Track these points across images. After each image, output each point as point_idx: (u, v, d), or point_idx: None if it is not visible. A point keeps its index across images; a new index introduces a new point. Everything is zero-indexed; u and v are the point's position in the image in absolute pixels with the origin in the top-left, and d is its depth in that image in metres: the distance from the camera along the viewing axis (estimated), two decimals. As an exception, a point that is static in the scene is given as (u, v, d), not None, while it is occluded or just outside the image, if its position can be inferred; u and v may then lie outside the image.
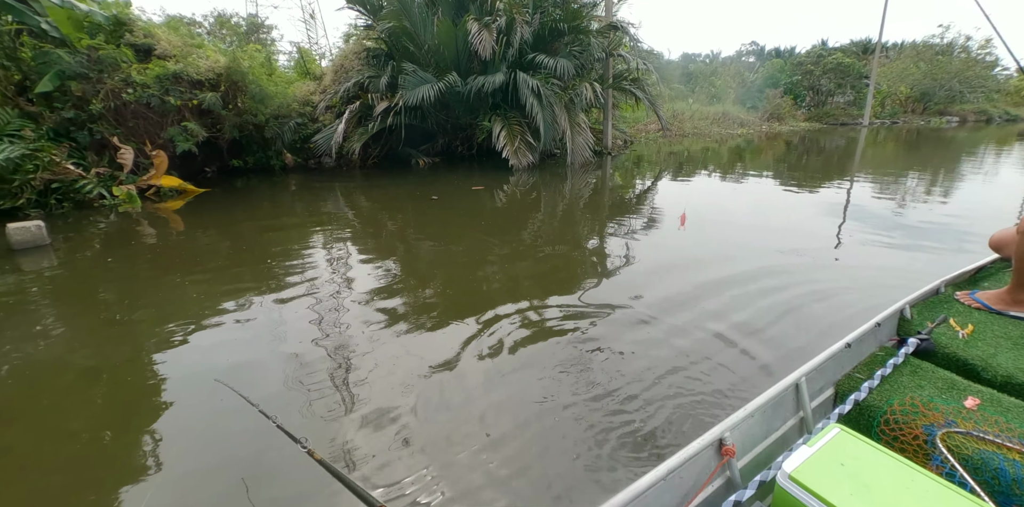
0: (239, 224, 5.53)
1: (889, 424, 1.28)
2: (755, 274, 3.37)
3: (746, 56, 28.44)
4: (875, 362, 1.55)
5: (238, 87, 7.78)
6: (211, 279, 3.62)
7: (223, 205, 6.58)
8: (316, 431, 1.82)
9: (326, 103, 9.41)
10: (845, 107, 24.85)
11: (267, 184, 8.21)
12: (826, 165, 10.23)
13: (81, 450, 1.79)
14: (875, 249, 3.98)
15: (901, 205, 5.83)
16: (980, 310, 1.84)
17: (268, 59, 8.95)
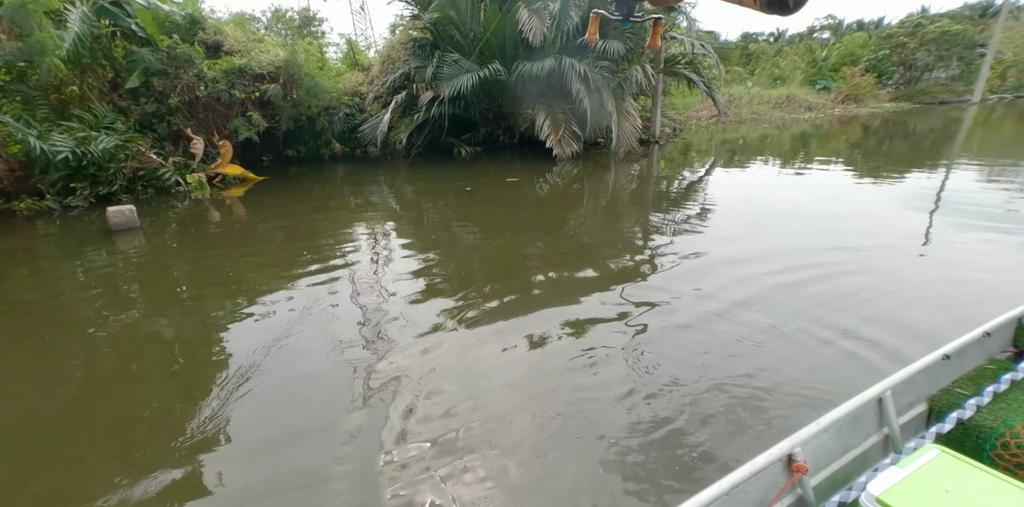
0: (294, 209, 6.03)
1: (1009, 448, 1.16)
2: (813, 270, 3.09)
3: (820, 31, 25.69)
4: (983, 377, 1.40)
5: (294, 80, 8.26)
6: (269, 260, 4.13)
7: (280, 192, 7.13)
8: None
9: (374, 94, 9.74)
10: (947, 83, 21.82)
11: (317, 172, 8.74)
12: (914, 152, 8.93)
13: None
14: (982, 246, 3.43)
15: (1011, 197, 4.87)
16: None
17: (320, 51, 9.37)
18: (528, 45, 8.59)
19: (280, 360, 2.45)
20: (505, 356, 2.38)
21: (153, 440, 1.90)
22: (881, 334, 2.31)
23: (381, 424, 1.89)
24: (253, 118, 7.83)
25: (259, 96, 7.94)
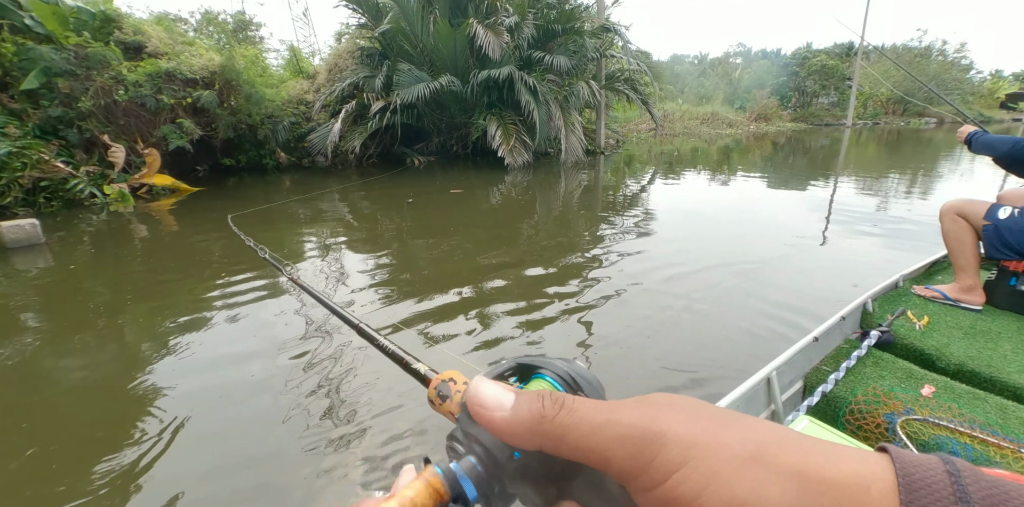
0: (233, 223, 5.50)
1: (854, 414, 1.33)
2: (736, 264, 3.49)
3: (733, 57, 28.85)
4: (841, 355, 1.60)
5: (232, 86, 7.70)
6: (205, 276, 3.59)
7: (217, 204, 6.50)
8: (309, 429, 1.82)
9: (321, 102, 9.36)
10: (829, 108, 25.38)
11: (260, 183, 8.14)
12: (812, 165, 10.47)
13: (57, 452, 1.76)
14: (856, 243, 4.13)
15: (883, 204, 6.01)
16: (935, 301, 1.97)
17: (260, 57, 8.86)
18: (480, 57, 8.72)
19: (214, 397, 2.02)
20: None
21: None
22: (785, 313, 2.79)
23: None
24: (184, 125, 7.16)
25: (191, 102, 7.29)
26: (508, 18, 8.75)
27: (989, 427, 1.16)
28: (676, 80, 25.55)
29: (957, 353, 1.57)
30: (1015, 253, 1.85)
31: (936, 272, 2.39)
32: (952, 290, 1.98)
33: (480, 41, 8.22)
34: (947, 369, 1.54)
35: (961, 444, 1.12)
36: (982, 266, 2.01)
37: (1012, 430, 1.16)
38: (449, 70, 8.93)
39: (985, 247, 1.95)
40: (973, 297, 1.94)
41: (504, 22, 8.66)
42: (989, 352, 1.57)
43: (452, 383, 0.36)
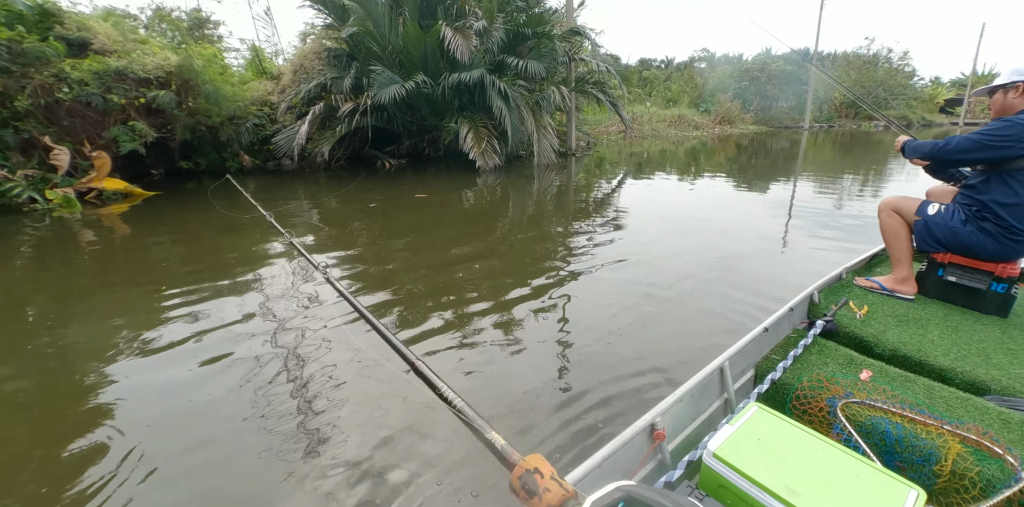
0: (192, 228, 5.27)
1: (800, 399, 1.40)
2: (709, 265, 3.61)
3: (698, 62, 29.74)
4: (789, 344, 1.69)
5: (190, 86, 7.41)
6: (161, 287, 3.40)
7: (175, 208, 6.25)
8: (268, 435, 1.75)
9: (287, 104, 9.12)
10: (788, 112, 26.46)
11: (223, 187, 7.85)
12: (773, 166, 10.90)
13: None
14: (813, 239, 4.34)
15: (839, 202, 6.32)
16: (874, 292, 2.11)
17: (217, 56, 8.55)
18: (451, 59, 8.69)
19: (170, 422, 1.85)
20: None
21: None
22: (754, 298, 3.00)
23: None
24: (137, 127, 6.84)
25: (145, 103, 6.97)
26: (477, 21, 8.76)
27: (918, 407, 1.26)
28: (644, 83, 26.16)
29: (892, 340, 1.67)
30: (942, 246, 2.00)
31: (876, 264, 2.55)
32: (889, 281, 2.12)
33: (449, 43, 8.20)
34: (883, 355, 1.64)
35: (893, 424, 1.20)
36: (915, 258, 2.14)
37: (937, 409, 1.26)
38: (420, 72, 8.87)
39: (916, 241, 2.09)
40: (907, 287, 2.07)
41: (473, 25, 8.66)
42: (919, 338, 1.68)
43: (539, 476, 0.33)
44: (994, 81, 1.91)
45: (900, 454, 1.18)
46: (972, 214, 1.91)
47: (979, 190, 1.90)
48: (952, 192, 2.16)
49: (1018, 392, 1.38)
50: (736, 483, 0.94)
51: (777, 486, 0.88)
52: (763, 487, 0.90)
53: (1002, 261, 1.90)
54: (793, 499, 0.85)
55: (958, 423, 1.18)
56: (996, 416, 1.23)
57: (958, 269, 2.00)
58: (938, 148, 1.97)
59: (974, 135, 1.84)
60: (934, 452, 1.13)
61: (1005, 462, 1.06)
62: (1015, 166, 1.77)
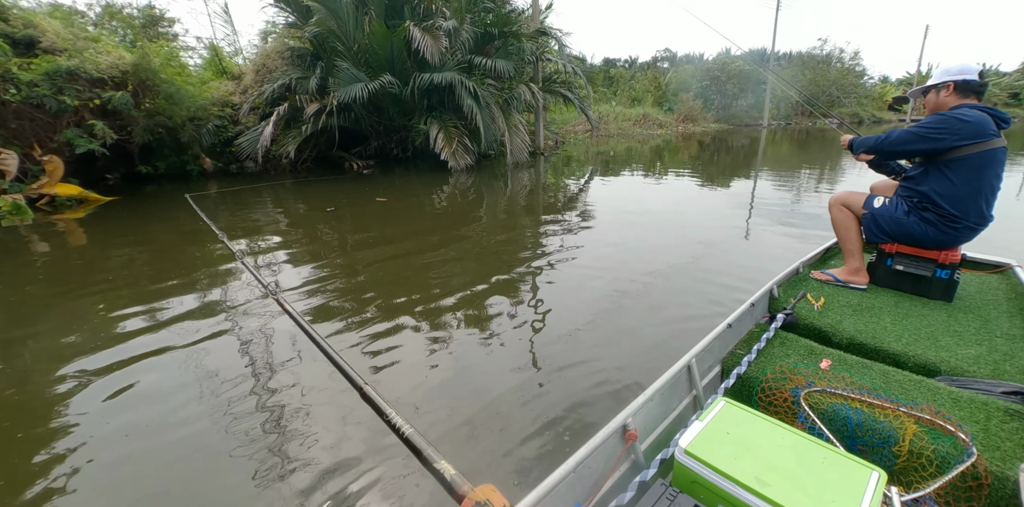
0: (153, 235, 5.04)
1: (765, 391, 1.43)
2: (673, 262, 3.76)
3: (661, 62, 30.43)
4: (752, 338, 1.72)
5: (147, 86, 7.07)
6: (120, 296, 3.25)
7: (134, 214, 5.95)
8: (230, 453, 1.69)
9: (250, 104, 8.82)
10: (748, 110, 27.44)
11: (183, 191, 7.55)
12: (735, 163, 11.31)
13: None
14: (772, 235, 4.56)
15: (796, 199, 6.61)
16: (829, 284, 2.22)
17: (175, 55, 8.18)
18: (419, 60, 8.62)
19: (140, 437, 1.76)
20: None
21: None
22: (722, 290, 3.16)
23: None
24: (97, 128, 6.48)
25: (100, 104, 6.61)
26: (446, 21, 8.71)
27: (875, 391, 1.35)
28: (610, 82, 26.58)
29: (848, 329, 1.76)
30: (889, 237, 2.13)
31: (830, 257, 2.67)
32: (842, 273, 2.24)
33: (418, 44, 8.13)
34: (840, 343, 1.73)
35: (853, 409, 1.28)
36: (865, 250, 2.26)
37: (893, 392, 1.35)
38: (387, 72, 8.75)
39: (865, 233, 2.21)
40: (859, 278, 2.20)
41: (442, 25, 8.61)
42: (873, 325, 1.79)
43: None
44: (927, 82, 2.05)
45: (861, 438, 1.24)
46: (913, 205, 2.03)
47: (918, 181, 2.02)
48: (894, 185, 2.30)
49: (965, 371, 1.49)
50: (708, 478, 0.96)
51: (747, 478, 0.91)
52: (734, 479, 0.92)
53: (944, 248, 2.02)
54: (763, 489, 0.88)
55: (912, 405, 1.27)
56: (947, 395, 1.32)
57: (905, 258, 2.12)
58: (881, 141, 2.10)
59: (912, 128, 1.97)
60: (892, 434, 1.19)
61: (957, 439, 1.14)
62: (949, 157, 1.90)
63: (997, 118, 1.90)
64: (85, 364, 2.38)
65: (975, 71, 1.94)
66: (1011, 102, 37.74)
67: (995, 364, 1.52)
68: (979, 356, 1.57)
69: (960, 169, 1.90)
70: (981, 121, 1.85)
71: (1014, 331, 1.74)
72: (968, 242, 2.03)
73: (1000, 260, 2.48)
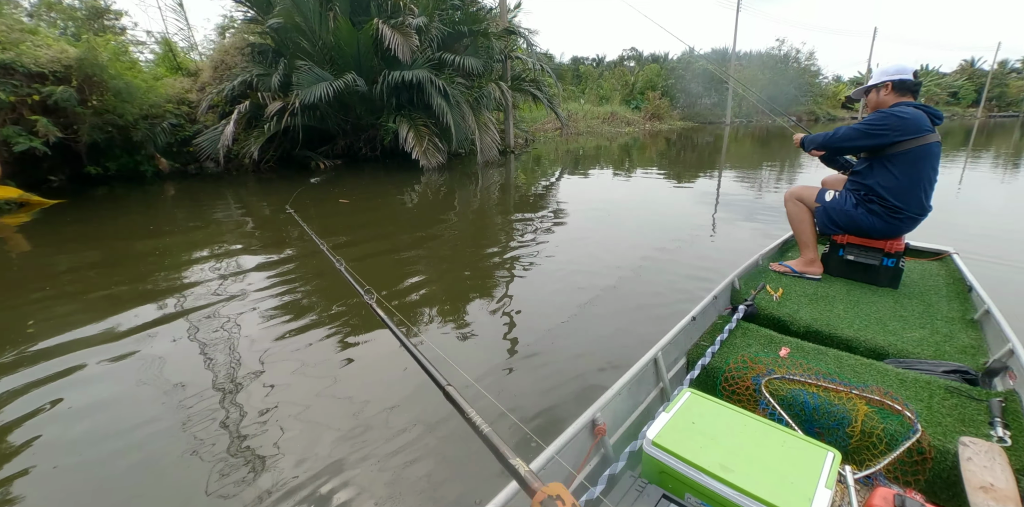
0: (105, 240, 4.78)
1: (728, 381, 1.47)
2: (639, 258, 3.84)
3: (627, 60, 30.96)
4: (716, 330, 1.74)
5: (94, 82, 6.67)
6: (65, 305, 3.08)
7: (83, 218, 5.61)
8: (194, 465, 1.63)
9: (208, 102, 8.46)
10: (711, 108, 28.26)
11: (138, 192, 7.18)
12: (700, 159, 11.63)
13: None
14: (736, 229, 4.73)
15: (759, 194, 6.88)
16: (787, 275, 2.32)
17: (124, 50, 7.75)
18: (387, 57, 8.47)
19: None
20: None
21: None
22: (691, 282, 3.23)
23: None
24: (40, 124, 6.07)
25: (40, 100, 6.20)
26: (415, 19, 8.58)
27: (830, 376, 1.41)
28: (578, 80, 26.84)
29: (805, 317, 1.84)
30: (840, 228, 2.23)
31: (788, 249, 2.78)
32: (798, 264, 2.34)
33: (388, 42, 7.98)
34: (798, 331, 1.80)
35: (810, 394, 1.34)
36: (819, 241, 2.36)
37: (846, 376, 1.42)
38: (353, 70, 8.56)
39: (818, 225, 2.31)
40: (814, 268, 2.31)
41: (411, 23, 8.49)
42: (827, 313, 1.87)
43: (560, 503, 0.30)
44: (868, 82, 2.17)
45: (818, 421, 1.28)
46: (861, 198, 2.14)
47: (864, 175, 2.13)
48: (844, 179, 2.41)
49: (911, 353, 1.58)
50: (675, 467, 0.98)
51: (712, 465, 0.94)
52: (699, 468, 0.94)
53: (889, 238, 2.12)
54: (727, 475, 0.92)
55: (864, 387, 1.34)
56: (895, 377, 1.40)
57: (855, 248, 2.22)
58: (828, 138, 2.21)
59: (857, 125, 2.09)
60: (846, 415, 1.25)
61: (904, 417, 1.21)
62: (891, 152, 2.02)
63: (931, 115, 2.02)
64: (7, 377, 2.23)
65: (910, 71, 2.06)
66: (951, 101, 40.34)
67: (936, 345, 1.62)
68: (922, 338, 1.67)
69: (901, 163, 2.02)
70: (917, 118, 1.97)
71: (952, 314, 1.86)
72: (910, 231, 2.16)
73: (940, 248, 2.63)
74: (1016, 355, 1.43)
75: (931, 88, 38.89)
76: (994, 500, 0.95)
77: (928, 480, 1.15)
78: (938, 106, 37.76)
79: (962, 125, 28.56)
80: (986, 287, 2.02)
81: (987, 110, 38.85)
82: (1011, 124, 28.81)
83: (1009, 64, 43.46)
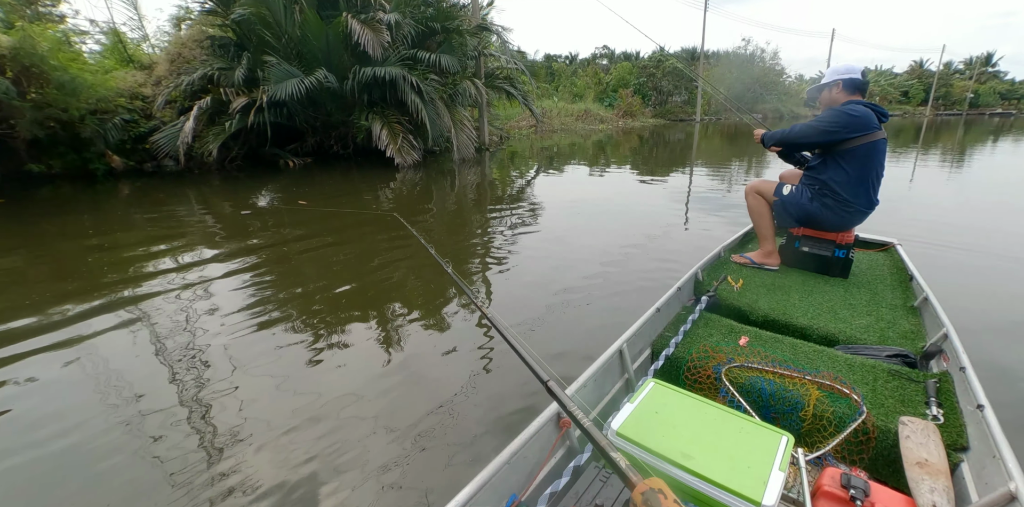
0: (51, 243, 4.50)
1: (691, 370, 1.49)
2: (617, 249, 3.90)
3: (600, 59, 31.28)
4: (679, 320, 1.78)
5: (33, 74, 6.27)
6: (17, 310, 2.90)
7: (25, 220, 5.26)
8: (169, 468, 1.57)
9: (165, 97, 8.09)
10: (682, 105, 28.87)
11: (88, 192, 6.80)
12: (672, 156, 11.87)
13: None
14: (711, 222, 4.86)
15: (729, 189, 7.08)
16: (747, 266, 2.39)
17: (66, 39, 7.30)
18: (358, 53, 8.29)
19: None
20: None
21: None
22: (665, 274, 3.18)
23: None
24: None
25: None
26: (387, 15, 8.41)
27: (785, 363, 1.46)
28: (552, 77, 26.96)
29: (763, 307, 1.90)
30: (796, 221, 2.32)
31: (748, 242, 2.86)
32: (758, 256, 2.42)
33: (357, 37, 7.80)
34: (757, 321, 1.86)
35: (767, 380, 1.38)
36: (777, 234, 2.44)
37: (800, 363, 1.48)
38: (322, 65, 8.34)
39: (776, 218, 2.40)
40: (772, 260, 2.39)
41: (383, 18, 8.32)
42: (784, 303, 1.94)
43: (662, 496, 0.32)
44: (821, 81, 2.26)
45: (774, 406, 1.33)
46: (816, 192, 2.23)
47: (818, 171, 2.22)
48: (800, 174, 2.51)
49: (858, 339, 1.65)
50: (639, 457, 0.99)
51: (674, 453, 0.96)
52: (662, 456, 0.96)
53: (840, 231, 2.22)
54: (687, 462, 0.94)
55: (816, 373, 1.39)
56: (844, 362, 1.46)
57: (810, 240, 2.31)
58: (785, 134, 2.30)
59: (811, 122, 2.18)
60: (799, 400, 1.30)
61: (851, 400, 1.27)
62: (842, 148, 2.12)
63: (878, 113, 2.12)
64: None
65: (858, 70, 2.17)
66: (902, 99, 42.42)
67: (881, 331, 1.71)
68: (869, 325, 1.75)
69: (851, 159, 2.11)
70: (866, 115, 2.07)
71: (896, 302, 1.96)
72: (860, 224, 2.26)
73: (885, 239, 2.77)
74: (950, 339, 1.51)
75: (885, 87, 40.76)
76: (927, 474, 1.00)
77: (871, 458, 1.20)
78: (890, 105, 39.70)
79: (913, 123, 30.09)
80: (932, 273, 2.13)
81: (934, 109, 41.00)
82: (955, 122, 30.59)
83: (953, 65, 46.23)
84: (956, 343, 1.46)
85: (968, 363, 1.34)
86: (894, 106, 40.33)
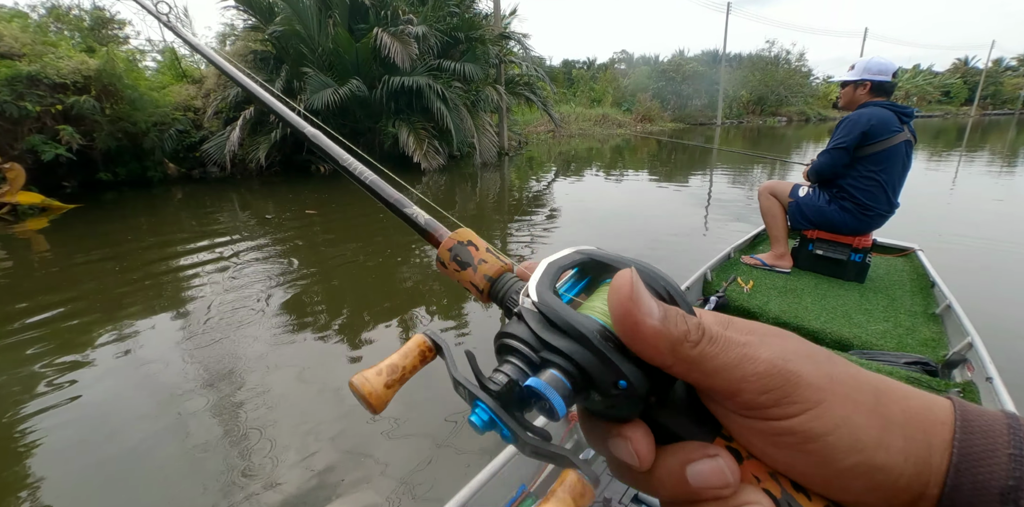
0: (122, 243, 5.08)
1: None
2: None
3: (618, 63, 31.44)
4: None
5: (110, 91, 7.07)
6: (89, 306, 3.24)
7: (100, 222, 5.96)
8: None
9: (214, 109, 8.86)
10: (702, 109, 28.70)
11: (145, 198, 7.53)
12: (691, 160, 11.99)
13: None
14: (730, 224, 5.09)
15: (750, 193, 7.11)
16: (758, 268, 2.39)
17: (135, 60, 8.14)
18: (386, 63, 8.89)
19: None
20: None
21: None
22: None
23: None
24: (65, 133, 6.47)
25: (62, 110, 6.60)
26: (415, 27, 9.00)
27: None
28: (571, 83, 27.29)
29: (774, 309, 1.90)
30: (811, 224, 2.31)
31: (759, 243, 2.84)
32: (769, 257, 2.41)
33: (387, 50, 8.39)
34: (767, 323, 2.10)
35: None
36: (790, 236, 2.42)
37: None
38: (353, 76, 8.98)
39: (790, 220, 2.38)
40: (784, 262, 2.38)
41: (411, 31, 8.91)
42: (796, 306, 1.95)
43: (473, 249, 0.29)
44: (849, 74, 2.16)
45: None
46: (833, 195, 2.21)
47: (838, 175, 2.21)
48: None
49: (874, 345, 1.64)
50: None
51: None
52: None
53: (858, 234, 2.19)
54: None
55: None
56: None
57: (824, 243, 2.27)
58: (814, 170, 2.28)
59: (827, 149, 2.16)
60: None
61: None
62: (861, 154, 2.11)
63: (900, 113, 2.09)
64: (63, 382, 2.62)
65: (891, 70, 2.11)
66: (943, 99, 40.82)
67: (899, 338, 1.70)
68: (886, 331, 1.74)
69: (870, 164, 2.12)
70: (883, 120, 2.05)
71: (915, 308, 1.93)
72: (878, 228, 2.24)
73: (905, 244, 2.67)
74: (974, 348, 1.46)
75: (923, 87, 39.36)
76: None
77: None
78: (930, 105, 38.27)
79: (956, 123, 28.84)
80: (958, 281, 2.06)
81: (981, 108, 39.32)
82: (1006, 122, 28.90)
83: (1004, 62, 43.87)
84: (982, 352, 1.40)
85: (995, 373, 1.27)
86: (934, 106, 38.87)
